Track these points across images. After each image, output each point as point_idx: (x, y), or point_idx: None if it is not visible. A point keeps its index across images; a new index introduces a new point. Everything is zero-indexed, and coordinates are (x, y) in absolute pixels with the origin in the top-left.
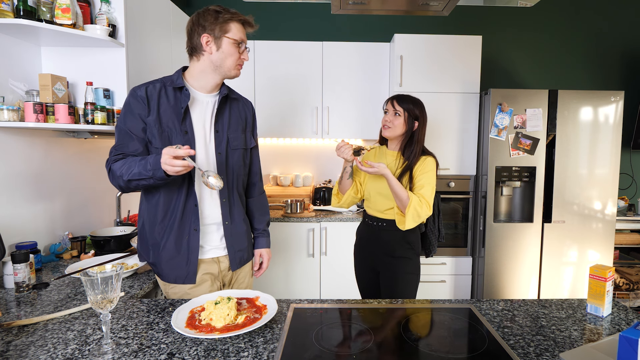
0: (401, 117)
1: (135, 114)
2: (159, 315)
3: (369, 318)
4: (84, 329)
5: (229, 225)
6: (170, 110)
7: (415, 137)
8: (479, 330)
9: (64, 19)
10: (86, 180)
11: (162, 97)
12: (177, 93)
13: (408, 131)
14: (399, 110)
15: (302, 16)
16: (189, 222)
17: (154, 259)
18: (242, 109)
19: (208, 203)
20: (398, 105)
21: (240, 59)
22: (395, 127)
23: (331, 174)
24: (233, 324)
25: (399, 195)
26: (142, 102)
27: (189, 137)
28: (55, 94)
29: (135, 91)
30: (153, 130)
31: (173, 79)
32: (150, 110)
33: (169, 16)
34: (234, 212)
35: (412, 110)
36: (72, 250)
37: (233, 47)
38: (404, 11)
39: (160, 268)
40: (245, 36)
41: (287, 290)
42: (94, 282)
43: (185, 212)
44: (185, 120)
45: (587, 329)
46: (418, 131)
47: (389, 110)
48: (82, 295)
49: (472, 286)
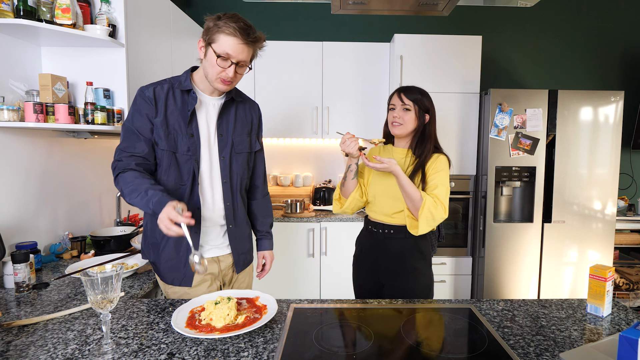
0: (411, 111)
1: (143, 114)
2: (159, 315)
3: (369, 318)
4: (84, 329)
5: (233, 228)
6: (177, 113)
7: (427, 132)
8: (479, 330)
9: (64, 19)
10: (86, 180)
11: (169, 99)
12: (185, 95)
13: (419, 126)
14: (409, 104)
15: (302, 16)
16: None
17: (154, 258)
18: (249, 111)
19: (211, 206)
20: (407, 98)
21: (224, 73)
22: (406, 123)
23: (331, 174)
24: (233, 324)
25: (411, 195)
26: (150, 102)
27: (195, 140)
28: (55, 94)
29: (143, 91)
30: (160, 131)
31: (181, 81)
32: (158, 111)
33: (169, 16)
34: (237, 215)
35: (422, 102)
36: (72, 250)
37: (214, 57)
38: (404, 11)
39: (159, 268)
40: (236, 51)
41: (287, 290)
42: (94, 282)
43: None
44: (191, 123)
45: (587, 329)
46: (429, 125)
47: (397, 105)
48: (82, 295)
49: (472, 286)
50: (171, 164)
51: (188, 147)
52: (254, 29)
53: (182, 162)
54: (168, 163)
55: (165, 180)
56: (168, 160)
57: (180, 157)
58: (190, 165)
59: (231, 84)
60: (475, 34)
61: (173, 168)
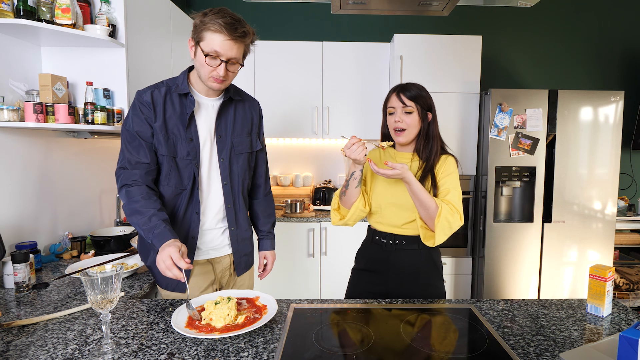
0: (414, 113)
1: (142, 119)
2: (158, 315)
3: (369, 318)
4: (84, 329)
5: (235, 230)
6: (175, 117)
7: (431, 132)
8: (479, 330)
9: (64, 19)
10: (86, 180)
11: (167, 103)
12: (183, 99)
13: (424, 127)
14: (411, 105)
15: (302, 16)
16: (187, 230)
17: (150, 262)
18: (248, 110)
19: (212, 210)
20: (408, 98)
21: (215, 72)
22: (410, 128)
23: (331, 174)
24: (233, 324)
25: (426, 204)
26: (149, 107)
27: (194, 144)
28: (55, 94)
29: (140, 95)
30: (159, 136)
31: (178, 83)
32: (157, 115)
33: (169, 16)
34: (239, 217)
35: (424, 99)
36: (72, 250)
37: (203, 56)
38: (403, 11)
39: (154, 272)
40: (224, 49)
41: (287, 290)
42: (94, 282)
43: (184, 220)
44: (190, 127)
45: (587, 329)
46: (433, 124)
47: (397, 107)
48: (82, 295)
49: (472, 286)
50: (171, 169)
51: (188, 151)
52: (243, 23)
53: (182, 167)
54: (168, 168)
55: (166, 185)
56: (168, 165)
57: (180, 162)
58: (190, 170)
59: (224, 82)
60: (475, 34)
61: (173, 173)
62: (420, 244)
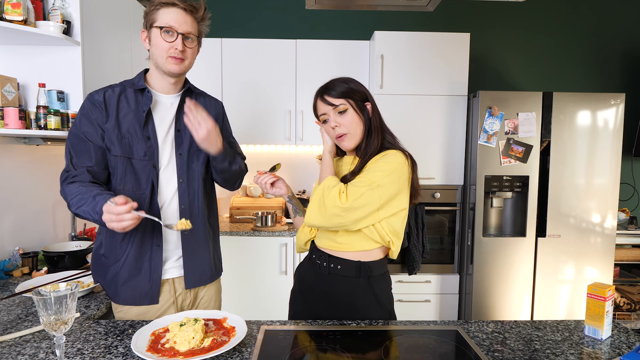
0: (349, 110)
1: (92, 120)
2: (117, 338)
3: (347, 341)
4: (36, 353)
5: (187, 234)
6: (131, 115)
7: (372, 125)
8: (466, 354)
9: (14, 14)
10: (39, 190)
11: (121, 102)
12: (139, 96)
13: (366, 122)
14: (342, 103)
15: (274, 11)
16: (151, 238)
17: (110, 277)
18: (208, 106)
19: (167, 210)
20: (334, 98)
21: (172, 49)
22: (352, 129)
23: (306, 183)
24: (199, 347)
25: (320, 179)
26: (100, 107)
27: (152, 143)
28: (5, 96)
29: (92, 96)
30: (112, 136)
31: (134, 82)
32: (109, 115)
33: (129, 12)
34: (195, 221)
35: (353, 91)
36: (22, 267)
37: (159, 35)
38: (385, 6)
39: (115, 288)
40: (178, 21)
41: (258, 310)
42: (46, 301)
43: (147, 227)
44: (147, 125)
45: (584, 353)
46: (374, 115)
47: (328, 112)
48: (34, 317)
49: (459, 306)
50: (127, 171)
51: (144, 151)
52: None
53: (138, 169)
54: (123, 170)
55: (122, 189)
56: (123, 167)
57: (137, 163)
58: (148, 171)
59: (183, 62)
60: (462, 31)
61: (129, 176)
62: (360, 272)
